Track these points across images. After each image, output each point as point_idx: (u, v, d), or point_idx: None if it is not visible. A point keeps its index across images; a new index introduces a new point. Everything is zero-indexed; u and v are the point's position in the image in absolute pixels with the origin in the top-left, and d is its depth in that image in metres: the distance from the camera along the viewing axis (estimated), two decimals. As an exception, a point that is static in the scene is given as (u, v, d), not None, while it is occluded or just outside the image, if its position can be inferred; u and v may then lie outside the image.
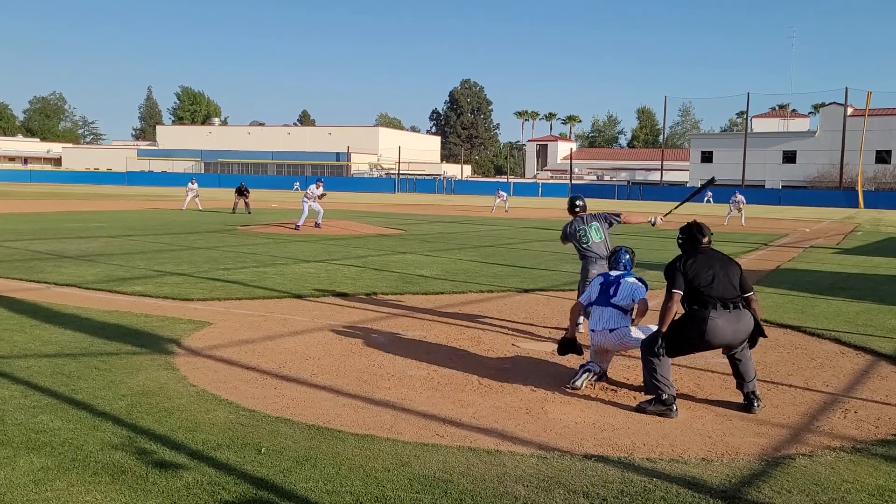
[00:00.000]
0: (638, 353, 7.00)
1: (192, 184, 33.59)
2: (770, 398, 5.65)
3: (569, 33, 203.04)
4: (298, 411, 5.03)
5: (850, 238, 24.84)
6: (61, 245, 15.57)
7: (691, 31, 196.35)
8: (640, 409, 5.26)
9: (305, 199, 22.04)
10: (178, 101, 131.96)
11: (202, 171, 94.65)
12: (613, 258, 6.46)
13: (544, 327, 8.15)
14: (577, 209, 7.92)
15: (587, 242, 7.70)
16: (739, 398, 5.63)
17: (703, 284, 5.20)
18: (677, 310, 5.27)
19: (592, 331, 5.96)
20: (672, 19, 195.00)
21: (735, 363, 5.42)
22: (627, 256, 6.36)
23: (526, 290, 10.78)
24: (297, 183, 79.07)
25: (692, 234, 5.52)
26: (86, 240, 16.95)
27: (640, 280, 6.05)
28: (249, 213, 29.77)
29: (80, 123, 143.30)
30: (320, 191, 22.17)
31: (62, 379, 5.57)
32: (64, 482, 3.72)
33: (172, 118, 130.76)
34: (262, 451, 4.23)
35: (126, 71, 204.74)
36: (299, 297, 9.73)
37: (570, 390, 5.70)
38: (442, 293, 10.42)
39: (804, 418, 5.19)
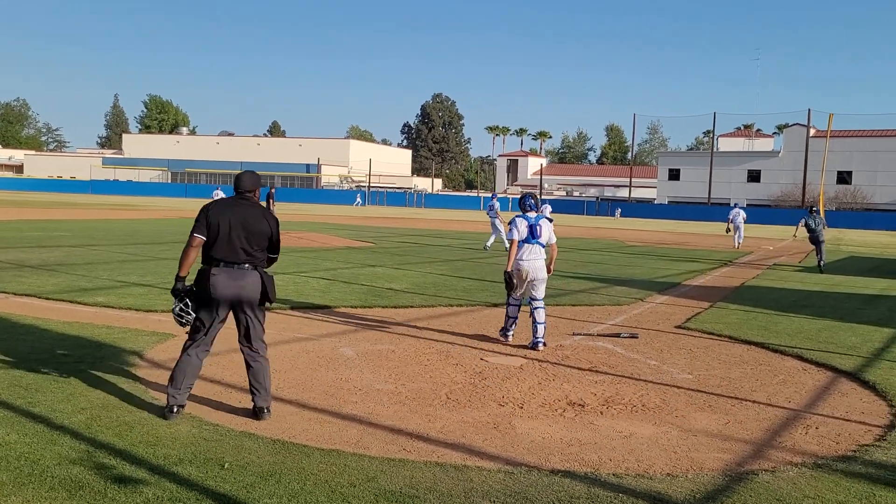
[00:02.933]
0: (608, 368, 7.06)
1: (218, 192, 33.57)
2: (734, 414, 5.73)
3: (541, 50, 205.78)
4: (263, 425, 4.96)
5: (811, 257, 25.35)
6: (21, 254, 15.22)
7: (660, 50, 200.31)
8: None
9: (498, 218, 21.95)
10: (145, 110, 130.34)
11: (168, 181, 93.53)
12: (524, 203, 8.00)
13: (513, 346, 8.15)
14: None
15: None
16: (706, 414, 5.70)
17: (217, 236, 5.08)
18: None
19: (525, 260, 7.80)
20: (642, 38, 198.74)
21: (248, 365, 5.29)
22: (532, 200, 8.04)
23: (495, 305, 10.79)
24: (359, 196, 76.02)
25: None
26: (47, 249, 16.60)
27: (547, 218, 8.03)
28: None
29: (44, 130, 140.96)
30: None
31: (19, 391, 5.43)
32: (19, 497, 3.62)
33: (139, 127, 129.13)
34: (226, 465, 4.15)
35: (92, 78, 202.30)
36: (266, 309, 9.60)
37: (503, 342, 8.01)
38: (411, 307, 10.39)
39: (767, 434, 5.26)
